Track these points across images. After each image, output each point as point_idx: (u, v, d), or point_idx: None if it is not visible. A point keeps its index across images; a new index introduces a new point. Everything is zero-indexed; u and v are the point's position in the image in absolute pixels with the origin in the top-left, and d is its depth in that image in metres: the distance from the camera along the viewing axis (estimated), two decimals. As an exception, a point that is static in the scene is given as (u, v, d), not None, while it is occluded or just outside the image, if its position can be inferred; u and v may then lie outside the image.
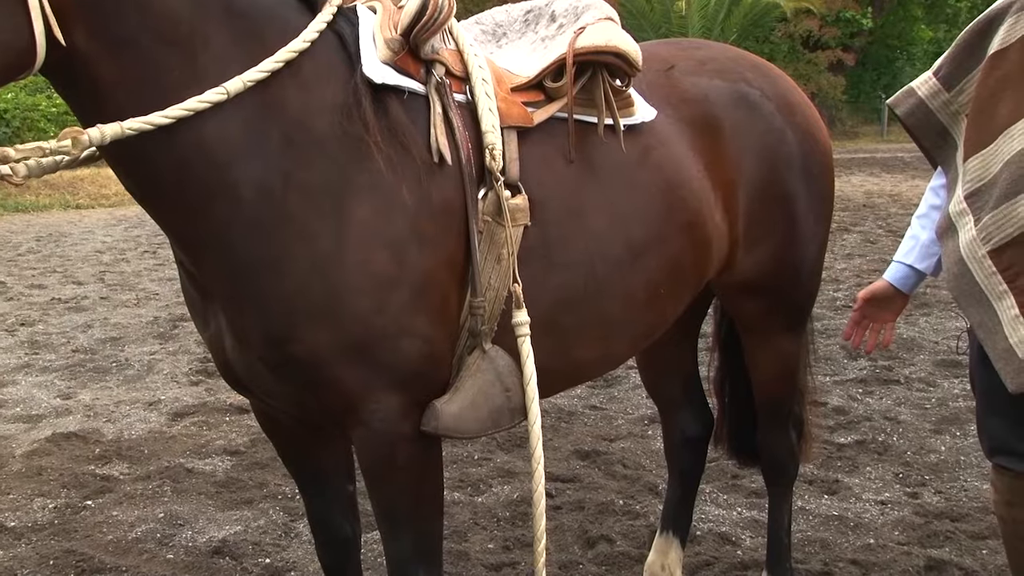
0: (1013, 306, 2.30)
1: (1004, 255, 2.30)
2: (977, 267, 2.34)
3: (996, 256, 2.31)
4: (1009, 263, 2.30)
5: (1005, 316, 2.31)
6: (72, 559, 3.95)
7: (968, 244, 2.35)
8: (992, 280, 2.32)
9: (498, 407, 2.31)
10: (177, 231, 2.20)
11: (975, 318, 2.38)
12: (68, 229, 14.71)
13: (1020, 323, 2.29)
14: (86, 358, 7.22)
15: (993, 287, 2.32)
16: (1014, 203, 2.26)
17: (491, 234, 2.30)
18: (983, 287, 2.34)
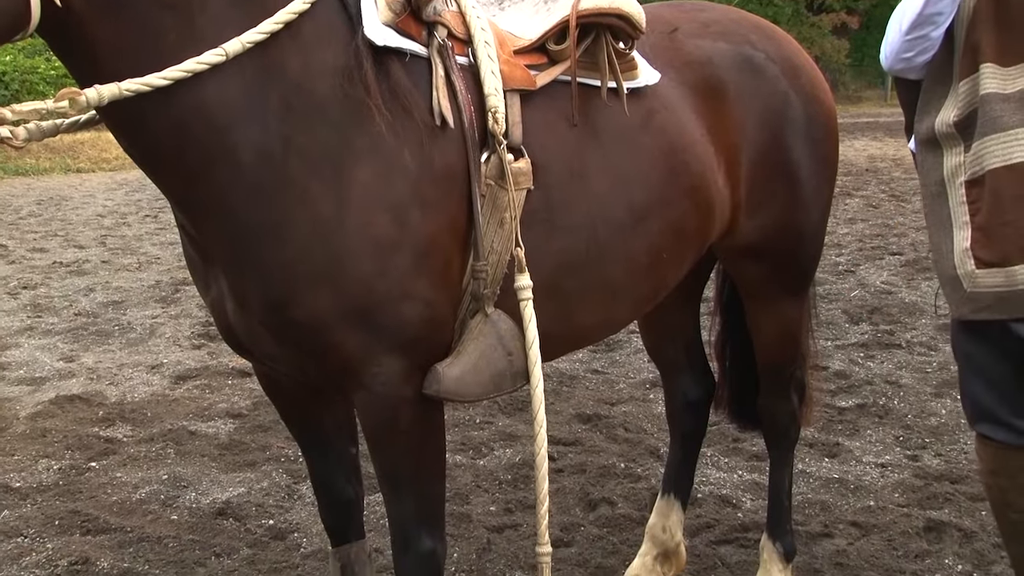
0: (967, 239, 2.37)
1: (973, 189, 2.38)
2: (953, 193, 2.42)
3: (969, 187, 2.38)
4: (975, 197, 2.37)
5: (958, 247, 2.39)
6: (77, 519, 3.98)
7: (952, 169, 2.41)
8: (960, 209, 2.40)
9: (500, 371, 2.31)
10: (177, 195, 2.19)
11: (935, 240, 2.46)
12: (69, 193, 14.68)
13: (968, 257, 2.37)
14: (88, 321, 7.23)
15: (959, 216, 2.40)
16: (983, 142, 2.34)
17: (493, 198, 2.29)
18: (951, 212, 2.42)
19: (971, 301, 2.38)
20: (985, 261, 2.35)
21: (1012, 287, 2.32)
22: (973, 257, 2.36)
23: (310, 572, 3.52)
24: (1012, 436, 2.46)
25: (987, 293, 2.35)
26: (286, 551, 3.72)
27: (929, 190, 2.48)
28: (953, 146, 2.42)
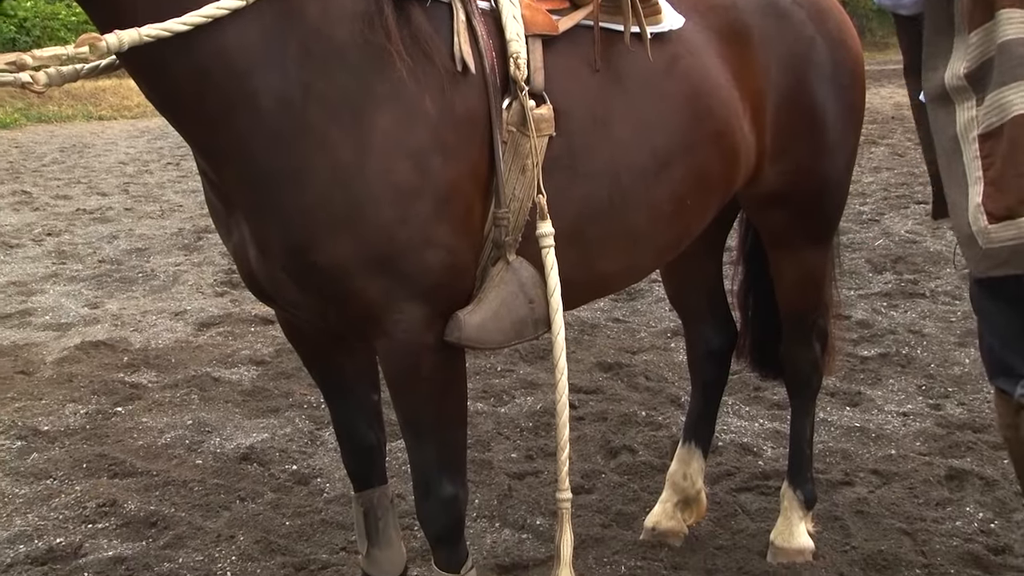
0: (979, 194, 2.31)
1: (987, 142, 2.31)
2: (967, 148, 2.35)
3: (983, 141, 2.32)
4: (989, 151, 2.30)
5: (972, 203, 2.33)
6: (104, 463, 4.04)
7: (966, 124, 2.34)
8: (974, 164, 2.33)
9: (521, 318, 2.31)
10: (198, 141, 2.18)
11: (952, 198, 2.40)
12: (91, 140, 14.72)
13: (981, 213, 2.31)
14: (112, 268, 7.28)
15: (972, 171, 2.33)
16: (1004, 90, 2.26)
17: (515, 144, 2.27)
18: (966, 169, 2.35)
19: (987, 258, 2.32)
20: (996, 215, 2.29)
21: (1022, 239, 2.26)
22: (985, 212, 2.31)
23: (333, 517, 3.56)
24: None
25: (1001, 248, 2.29)
26: (309, 496, 3.76)
27: (943, 147, 2.42)
28: (965, 100, 2.34)
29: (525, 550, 3.34)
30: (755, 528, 3.44)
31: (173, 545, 3.39)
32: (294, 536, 3.45)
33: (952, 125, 2.37)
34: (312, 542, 3.41)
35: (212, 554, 3.33)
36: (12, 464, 4.05)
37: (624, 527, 3.47)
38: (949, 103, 2.37)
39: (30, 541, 3.43)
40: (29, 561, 3.30)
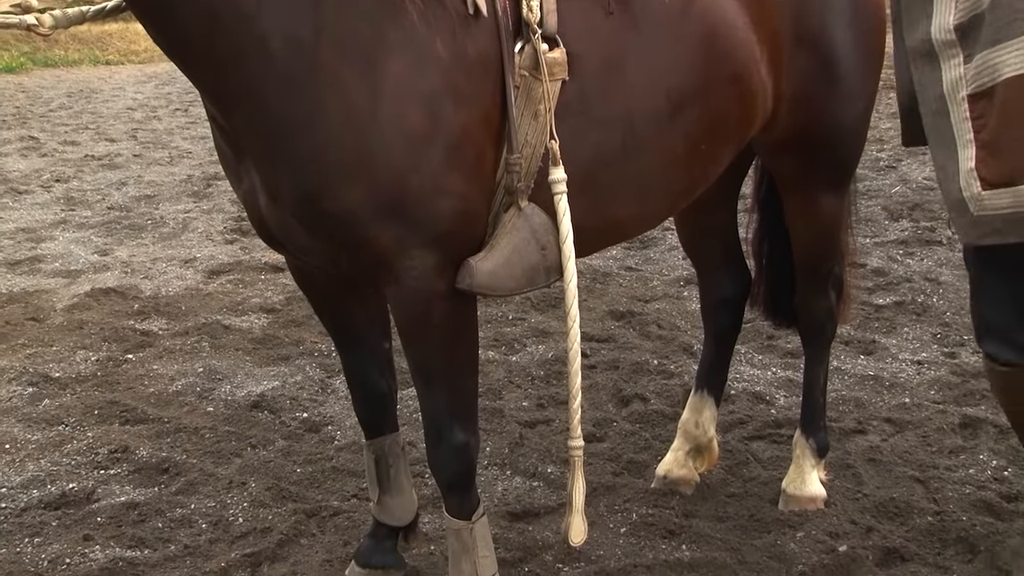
0: (971, 158, 2.21)
1: (979, 103, 2.19)
2: (955, 109, 2.23)
3: (973, 102, 2.20)
4: (980, 112, 2.19)
5: (963, 167, 2.22)
6: (116, 409, 4.05)
7: (952, 83, 2.22)
8: (963, 127, 2.22)
9: (533, 265, 2.28)
10: (207, 86, 2.15)
11: (939, 160, 2.30)
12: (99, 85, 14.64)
13: (973, 178, 2.20)
14: (121, 215, 7.26)
15: (962, 134, 2.23)
16: (996, 50, 2.14)
17: (528, 89, 2.23)
18: (955, 131, 2.24)
19: (978, 225, 2.22)
20: (991, 181, 2.18)
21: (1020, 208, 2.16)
22: (978, 178, 2.20)
23: (344, 464, 3.57)
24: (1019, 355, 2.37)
25: (994, 216, 2.19)
26: (320, 443, 3.77)
27: (929, 107, 2.30)
28: (952, 56, 2.22)
29: (536, 498, 3.34)
30: (767, 476, 3.43)
31: (185, 491, 3.40)
32: (305, 483, 3.46)
33: (938, 83, 2.25)
34: (323, 489, 3.42)
35: (224, 500, 3.34)
36: (24, 410, 4.06)
37: (635, 475, 3.47)
38: (934, 59, 2.26)
39: (43, 486, 3.44)
40: (43, 506, 3.32)
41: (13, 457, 3.66)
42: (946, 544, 2.99)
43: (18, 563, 2.99)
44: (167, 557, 3.02)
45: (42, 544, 3.10)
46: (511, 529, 3.14)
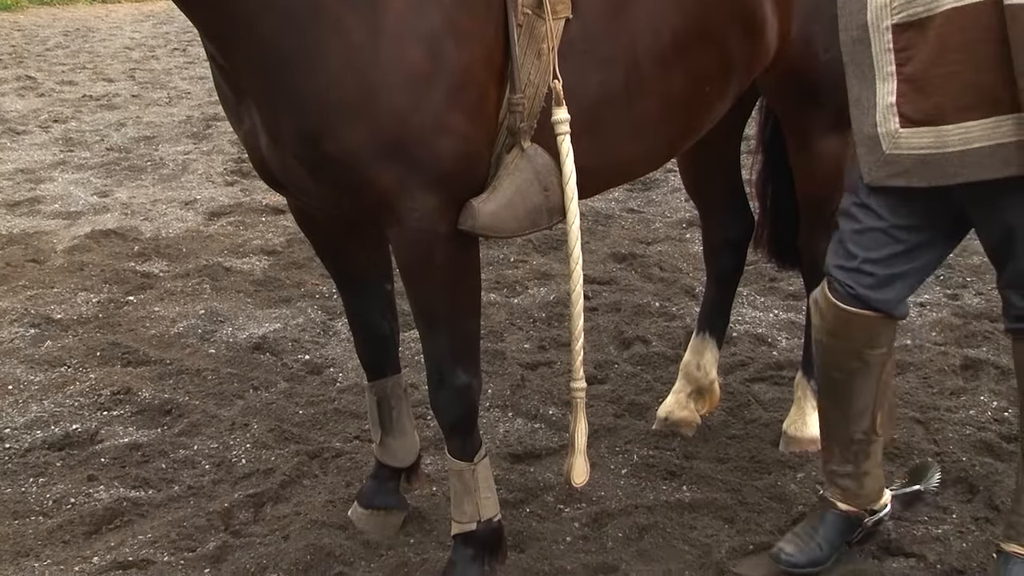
0: (892, 93, 2.15)
1: (904, 34, 2.12)
2: (877, 38, 2.16)
3: (897, 32, 2.12)
4: (906, 44, 2.12)
5: (881, 101, 2.16)
6: (118, 351, 4.05)
7: (878, 10, 2.15)
8: (885, 58, 2.16)
9: (536, 206, 2.26)
10: (208, 25, 2.11)
11: (855, 92, 2.23)
12: (95, 24, 14.46)
13: (892, 114, 2.15)
14: (120, 156, 7.21)
15: (883, 66, 2.16)
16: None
17: (531, 28, 2.20)
18: (874, 61, 2.17)
19: (888, 164, 2.18)
20: (912, 119, 2.12)
21: (940, 149, 2.11)
22: (899, 114, 2.14)
23: (346, 406, 3.58)
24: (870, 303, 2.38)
25: (908, 156, 2.14)
26: (322, 385, 3.77)
27: (849, 34, 2.22)
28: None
29: (538, 439, 3.35)
30: (768, 418, 3.44)
31: (188, 433, 3.42)
32: (307, 425, 3.47)
33: (863, 11, 2.18)
34: (325, 430, 3.43)
35: (227, 442, 3.36)
36: (26, 351, 4.06)
37: (637, 417, 3.48)
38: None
39: (47, 427, 3.46)
40: (46, 446, 3.33)
41: (16, 398, 3.67)
42: (945, 484, 3.00)
43: (23, 503, 3.01)
44: (171, 497, 3.03)
45: (46, 484, 3.12)
46: (513, 470, 3.15)
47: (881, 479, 2.66)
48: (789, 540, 2.61)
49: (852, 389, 2.51)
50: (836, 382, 2.52)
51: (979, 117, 2.07)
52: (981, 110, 2.06)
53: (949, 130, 2.09)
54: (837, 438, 2.59)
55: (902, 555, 2.71)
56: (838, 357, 2.48)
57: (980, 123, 2.07)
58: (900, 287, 2.39)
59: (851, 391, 2.51)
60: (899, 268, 2.35)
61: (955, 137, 2.09)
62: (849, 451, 2.58)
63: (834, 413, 2.57)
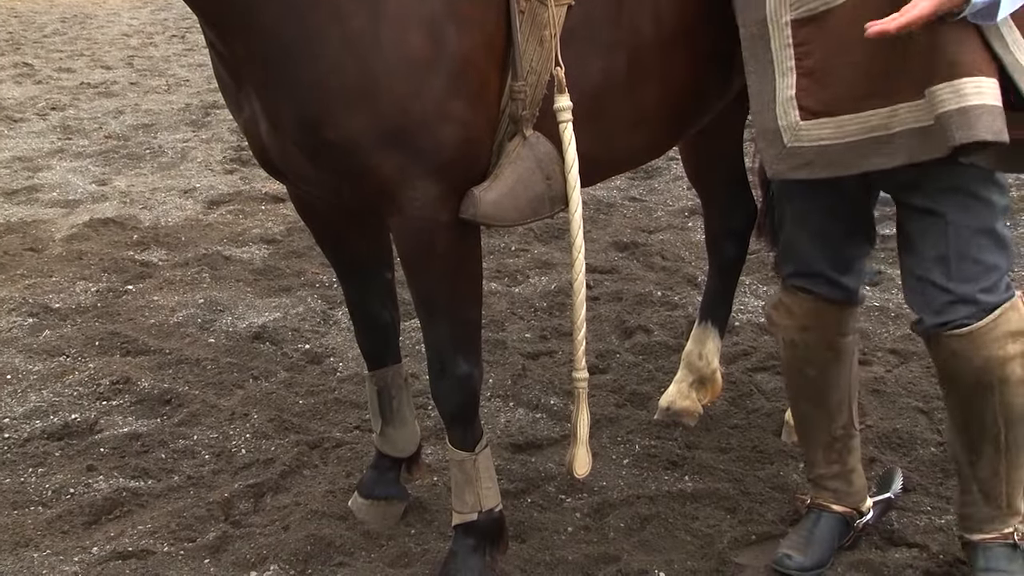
0: (792, 86, 2.14)
1: (803, 29, 2.12)
2: (777, 34, 2.15)
3: (796, 27, 2.12)
4: (805, 39, 2.12)
5: (781, 95, 2.16)
6: (117, 340, 4.03)
7: (776, 5, 2.14)
8: (785, 53, 2.15)
9: (538, 195, 2.24)
10: (207, 11, 2.09)
11: (755, 87, 2.23)
12: (93, 10, 14.38)
13: (792, 107, 2.14)
14: (119, 144, 7.17)
15: (783, 60, 2.15)
16: None
17: (533, 14, 2.18)
18: (774, 56, 2.17)
19: (790, 157, 2.17)
20: (813, 110, 2.12)
21: (840, 139, 2.11)
22: (798, 107, 2.14)
23: (346, 395, 3.56)
24: (832, 290, 2.42)
25: (809, 148, 2.14)
26: (323, 375, 3.76)
27: (748, 31, 2.22)
28: None
29: (539, 429, 3.34)
30: (770, 407, 3.43)
31: (187, 422, 3.40)
32: (308, 414, 3.45)
33: (761, 7, 2.17)
34: (326, 420, 3.42)
35: (226, 431, 3.34)
36: (25, 341, 4.04)
37: (638, 407, 3.47)
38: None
39: (46, 417, 3.44)
40: (45, 436, 3.31)
41: (15, 388, 3.66)
42: (948, 474, 2.98)
43: (22, 493, 3.00)
44: (170, 487, 3.02)
45: (46, 474, 3.10)
46: (514, 460, 3.14)
47: (863, 475, 2.68)
48: (791, 546, 2.62)
49: (827, 383, 2.54)
50: (811, 379, 2.54)
51: (876, 107, 2.07)
52: (877, 99, 2.07)
53: (848, 120, 2.10)
54: (818, 441, 2.61)
55: (905, 545, 2.71)
56: (810, 352, 2.50)
57: (877, 112, 2.07)
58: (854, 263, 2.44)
59: (827, 385, 2.54)
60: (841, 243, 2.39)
61: (854, 127, 2.10)
62: (833, 450, 2.60)
63: (813, 413, 2.59)
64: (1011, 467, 2.31)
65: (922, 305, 2.23)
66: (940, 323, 2.20)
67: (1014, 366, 2.19)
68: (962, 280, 2.15)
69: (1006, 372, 2.19)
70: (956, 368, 2.24)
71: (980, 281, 2.15)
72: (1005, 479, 2.32)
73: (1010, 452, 2.29)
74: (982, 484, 2.35)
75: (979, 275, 2.15)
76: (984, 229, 2.15)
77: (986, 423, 2.27)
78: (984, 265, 2.15)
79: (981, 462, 2.32)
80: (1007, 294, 2.19)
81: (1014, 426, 2.26)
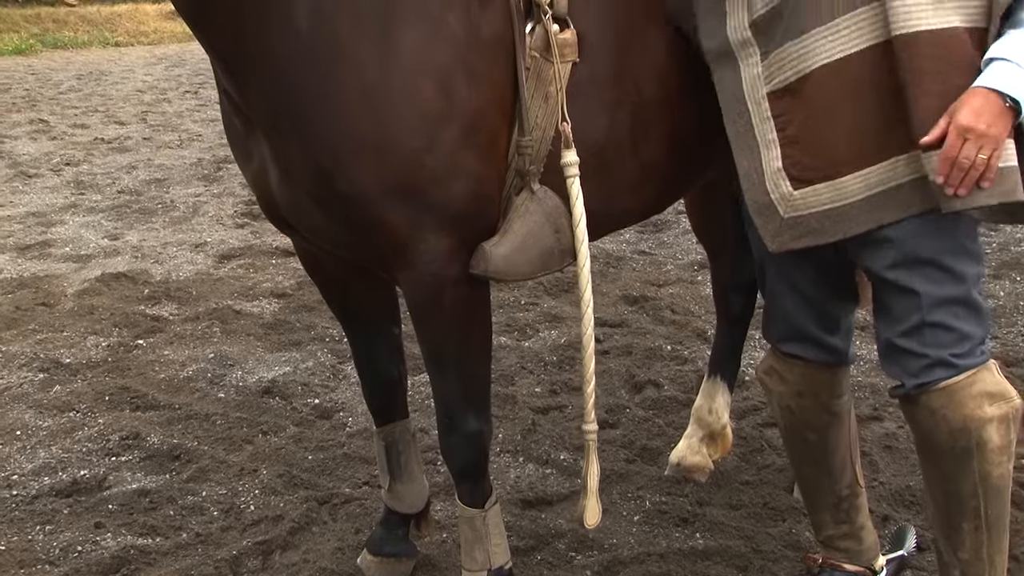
0: (777, 158, 2.13)
1: (780, 101, 2.11)
2: (756, 109, 2.15)
3: (774, 100, 2.12)
4: (783, 110, 2.11)
5: (768, 168, 2.15)
6: (127, 395, 4.03)
7: (752, 82, 2.14)
8: (765, 126, 2.14)
9: (547, 249, 2.25)
10: (225, 55, 2.11)
11: (743, 167, 2.21)
12: (108, 67, 14.60)
13: (782, 178, 2.13)
14: (131, 199, 7.24)
15: (764, 134, 2.15)
16: (796, 43, 2.06)
17: (538, 70, 2.20)
18: (756, 132, 2.16)
19: (791, 228, 2.15)
20: (804, 179, 2.10)
21: (841, 201, 2.08)
22: (788, 177, 2.12)
23: (355, 451, 3.55)
24: (823, 354, 2.40)
25: (810, 215, 2.12)
26: (332, 430, 3.75)
27: (730, 111, 2.22)
28: (749, 56, 2.15)
29: (549, 485, 3.31)
30: (782, 463, 3.40)
31: (196, 478, 3.39)
32: (317, 470, 3.44)
33: (737, 86, 2.18)
34: (335, 476, 3.40)
35: (235, 487, 3.33)
36: (35, 396, 4.05)
37: (649, 462, 3.44)
38: (732, 61, 2.19)
39: (54, 473, 3.43)
40: (54, 493, 3.30)
41: (24, 444, 3.65)
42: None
43: (30, 551, 2.98)
44: (178, 545, 3.00)
45: (53, 532, 3.09)
46: (524, 517, 3.11)
47: (873, 532, 2.64)
48: None
49: (828, 446, 2.51)
50: (812, 444, 2.52)
51: (874, 162, 2.05)
52: (874, 156, 2.05)
53: (847, 181, 2.07)
54: (825, 504, 2.58)
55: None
56: (808, 416, 2.48)
57: (877, 168, 2.05)
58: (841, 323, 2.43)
59: (828, 448, 2.51)
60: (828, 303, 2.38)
61: (855, 186, 2.07)
62: (840, 511, 2.57)
63: (817, 477, 2.57)
64: (993, 549, 2.24)
65: (900, 372, 2.21)
66: (918, 384, 2.17)
67: (991, 431, 2.15)
68: (936, 346, 2.13)
69: (983, 436, 2.15)
70: (934, 430, 2.19)
71: (954, 347, 2.13)
72: (988, 563, 2.25)
73: (992, 531, 2.23)
74: (965, 569, 2.27)
75: (954, 342, 2.13)
76: (958, 299, 2.12)
77: (964, 495, 2.21)
78: (959, 333, 2.13)
79: (963, 542, 2.25)
80: (982, 358, 2.18)
81: (994, 500, 2.21)
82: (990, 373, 2.17)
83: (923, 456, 2.31)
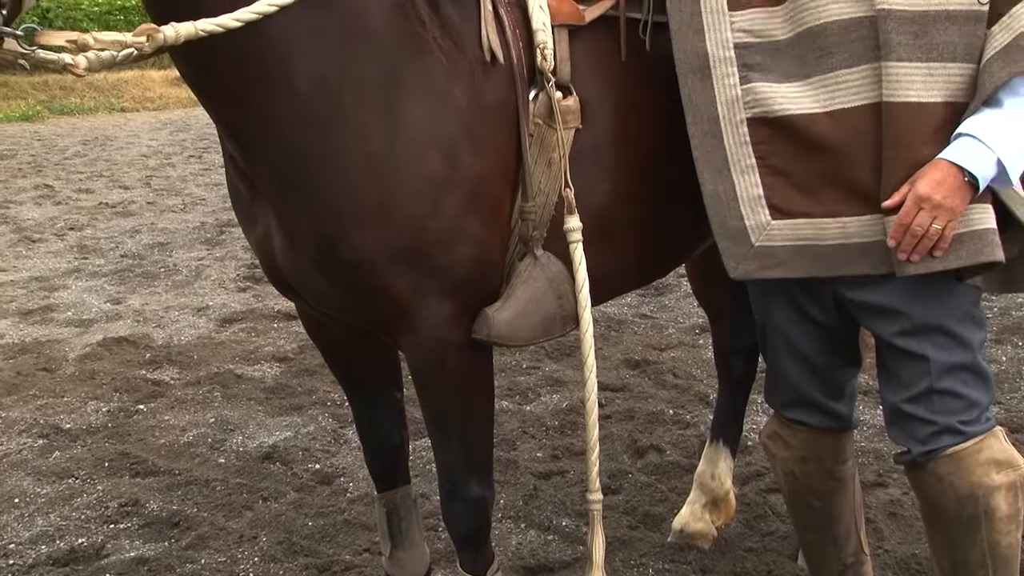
0: (757, 185, 2.10)
1: (761, 128, 2.09)
2: (731, 132, 2.12)
3: (754, 126, 2.09)
4: (764, 138, 2.09)
5: (745, 194, 2.11)
6: (126, 461, 4.01)
7: (729, 104, 2.11)
8: (742, 151, 2.11)
9: (550, 314, 2.25)
10: (231, 121, 2.14)
11: (709, 186, 2.17)
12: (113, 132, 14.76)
13: (761, 206, 2.10)
14: (134, 263, 7.27)
15: (740, 158, 2.11)
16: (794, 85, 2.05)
17: (542, 137, 2.22)
18: (728, 154, 2.13)
19: (759, 257, 2.12)
20: (786, 211, 2.08)
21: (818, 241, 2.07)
22: (768, 206, 2.10)
23: (356, 517, 3.52)
24: (827, 419, 2.38)
25: (784, 247, 2.10)
26: (332, 495, 3.72)
27: (700, 128, 2.17)
28: (727, 76, 2.12)
29: (551, 551, 3.28)
30: (785, 530, 3.36)
31: (195, 546, 3.35)
32: (317, 537, 3.40)
33: (712, 105, 2.14)
34: (335, 543, 3.37)
35: (235, 555, 3.29)
36: (34, 463, 4.02)
37: (652, 528, 3.41)
38: (707, 75, 2.15)
39: (52, 542, 3.40)
40: (51, 562, 3.27)
41: (22, 512, 3.62)
42: None
43: (25, 620, 2.94)
44: (176, 613, 2.96)
45: (50, 600, 3.05)
46: (526, 584, 3.08)
47: None
48: None
49: (832, 513, 2.49)
50: (816, 511, 2.49)
51: (855, 214, 2.05)
52: (856, 207, 2.05)
53: (827, 223, 2.07)
54: (830, 572, 2.55)
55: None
56: (812, 482, 2.46)
57: (856, 219, 2.05)
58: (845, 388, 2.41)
59: (832, 515, 2.49)
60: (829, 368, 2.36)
61: (833, 231, 2.07)
62: None
63: (821, 544, 2.54)
64: None
65: (906, 437, 2.19)
66: (926, 451, 2.15)
67: (999, 499, 2.13)
68: (945, 413, 2.12)
69: (991, 504, 2.13)
70: (941, 497, 2.17)
71: (962, 414, 2.12)
72: None
73: None
74: None
75: (962, 409, 2.12)
76: (964, 365, 2.12)
77: (972, 564, 2.17)
78: (967, 400, 2.12)
79: None
80: (988, 424, 2.17)
81: (1002, 569, 2.17)
82: (997, 440, 2.16)
83: (929, 524, 2.28)
